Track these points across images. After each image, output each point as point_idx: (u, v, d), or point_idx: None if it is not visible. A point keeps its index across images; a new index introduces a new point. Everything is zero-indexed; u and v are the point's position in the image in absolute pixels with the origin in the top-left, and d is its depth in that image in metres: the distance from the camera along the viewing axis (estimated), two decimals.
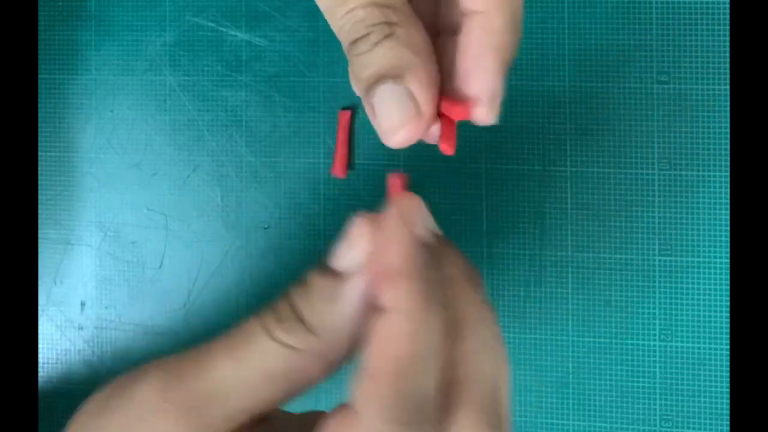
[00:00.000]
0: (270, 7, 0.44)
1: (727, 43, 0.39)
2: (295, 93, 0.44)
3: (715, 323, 0.40)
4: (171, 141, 0.45)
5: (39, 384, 0.46)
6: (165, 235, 0.45)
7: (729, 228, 0.39)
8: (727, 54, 0.39)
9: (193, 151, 0.45)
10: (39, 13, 0.46)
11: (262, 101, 0.44)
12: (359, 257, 0.25)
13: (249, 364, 0.24)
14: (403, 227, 0.24)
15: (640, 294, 0.41)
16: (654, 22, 0.40)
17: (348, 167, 0.43)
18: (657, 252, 0.40)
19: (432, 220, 0.25)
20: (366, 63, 0.26)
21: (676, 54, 0.40)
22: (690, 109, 0.40)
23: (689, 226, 0.40)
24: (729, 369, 0.39)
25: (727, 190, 0.39)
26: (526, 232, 0.41)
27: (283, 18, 0.44)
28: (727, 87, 0.39)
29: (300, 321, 0.24)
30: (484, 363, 0.23)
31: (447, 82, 0.27)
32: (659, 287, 0.40)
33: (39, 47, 0.46)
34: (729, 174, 0.39)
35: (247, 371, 0.24)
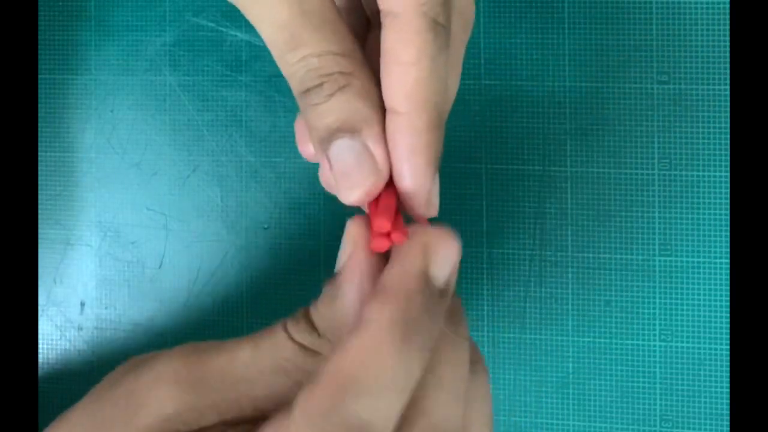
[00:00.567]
0: None
1: (727, 43, 0.39)
2: None
3: (716, 323, 0.40)
4: (171, 141, 0.45)
5: (39, 384, 0.46)
6: (165, 235, 0.45)
7: (729, 228, 0.39)
8: (727, 54, 0.39)
9: (193, 151, 0.45)
10: (39, 13, 0.46)
11: (262, 101, 0.44)
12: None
13: (266, 353, 0.25)
14: (419, 268, 0.24)
15: (640, 294, 0.40)
16: (654, 22, 0.40)
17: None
18: (657, 252, 0.40)
19: (452, 269, 0.25)
20: (320, 113, 0.25)
21: (676, 54, 0.40)
22: (690, 109, 0.40)
23: (689, 226, 0.40)
24: (729, 369, 0.39)
25: (727, 190, 0.39)
26: (526, 232, 0.41)
27: None
28: (727, 87, 0.39)
29: (311, 323, 0.25)
30: (440, 408, 0.23)
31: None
32: (659, 287, 0.40)
33: (39, 47, 0.46)
34: (729, 174, 0.39)
35: (263, 361, 0.25)
